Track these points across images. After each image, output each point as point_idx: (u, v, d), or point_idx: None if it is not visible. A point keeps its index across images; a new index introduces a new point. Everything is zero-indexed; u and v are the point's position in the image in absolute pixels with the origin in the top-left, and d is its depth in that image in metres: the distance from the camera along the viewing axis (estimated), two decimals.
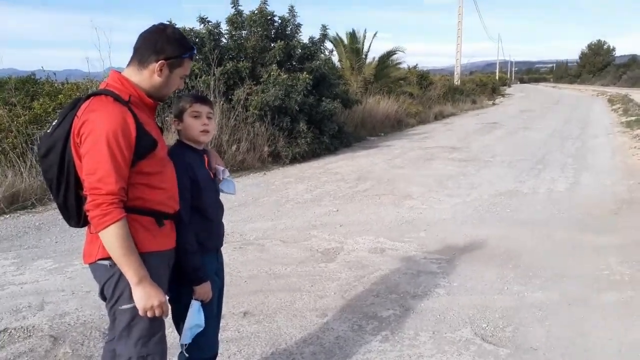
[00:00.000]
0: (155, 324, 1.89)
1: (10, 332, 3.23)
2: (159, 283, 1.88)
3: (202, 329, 2.10)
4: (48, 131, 1.83)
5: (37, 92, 8.98)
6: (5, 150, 6.87)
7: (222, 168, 2.28)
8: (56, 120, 1.84)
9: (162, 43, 1.85)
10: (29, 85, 9.39)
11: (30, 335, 3.19)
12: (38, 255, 4.70)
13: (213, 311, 2.27)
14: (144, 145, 1.78)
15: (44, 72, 10.44)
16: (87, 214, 1.73)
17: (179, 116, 2.14)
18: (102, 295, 1.89)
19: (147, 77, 1.86)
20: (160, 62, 1.84)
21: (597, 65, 78.37)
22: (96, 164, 1.68)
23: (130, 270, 1.74)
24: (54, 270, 4.29)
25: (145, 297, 1.77)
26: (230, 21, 10.55)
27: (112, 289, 1.83)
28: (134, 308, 1.82)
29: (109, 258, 1.78)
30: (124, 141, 1.71)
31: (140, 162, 1.78)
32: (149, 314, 1.80)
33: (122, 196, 1.71)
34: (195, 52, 1.99)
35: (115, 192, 1.69)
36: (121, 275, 1.80)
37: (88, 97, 1.81)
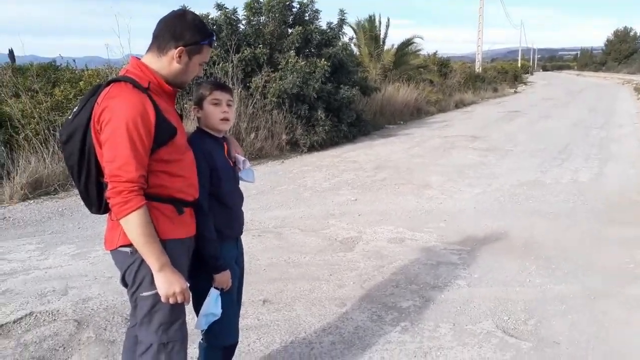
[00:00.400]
0: (175, 311, 1.90)
1: (36, 315, 3.30)
2: (179, 270, 1.88)
3: (217, 317, 2.11)
4: (69, 117, 1.84)
5: (58, 79, 9.08)
6: (28, 136, 6.97)
7: (242, 158, 2.26)
8: (76, 107, 1.84)
9: (181, 29, 1.83)
10: (50, 72, 9.50)
11: (55, 319, 3.25)
12: (61, 240, 4.78)
13: (233, 299, 2.28)
14: (163, 133, 1.77)
15: (62, 59, 10.55)
16: (108, 201, 1.74)
17: (199, 103, 2.13)
18: (124, 282, 1.91)
19: (166, 64, 1.85)
20: (179, 48, 1.83)
21: (623, 52, 76.39)
22: (116, 151, 1.69)
23: (151, 257, 1.75)
24: (77, 255, 4.36)
25: (167, 283, 1.78)
26: (249, 7, 10.49)
27: (133, 275, 1.84)
28: (155, 295, 1.83)
29: (130, 245, 1.79)
30: (144, 129, 1.71)
31: (159, 149, 1.78)
32: (171, 301, 1.81)
33: (142, 184, 1.72)
34: (214, 38, 1.97)
35: (135, 180, 1.69)
36: (142, 262, 1.80)
37: (108, 83, 1.80)
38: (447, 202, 5.98)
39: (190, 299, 2.02)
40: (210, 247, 2.06)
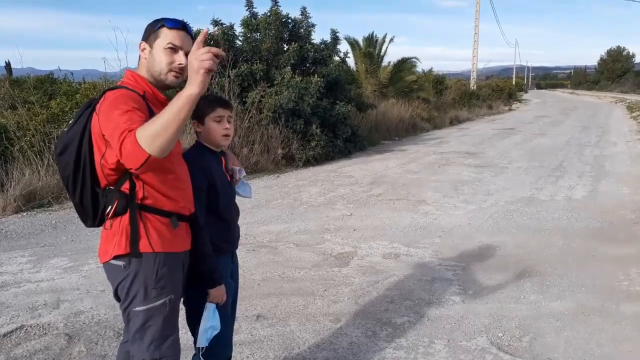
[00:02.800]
0: (169, 327, 1.88)
1: (27, 329, 3.26)
2: (173, 284, 1.87)
3: (218, 331, 2.09)
4: (65, 130, 1.84)
5: (54, 92, 9.10)
6: (23, 148, 6.95)
7: (238, 168, 2.27)
8: (72, 119, 1.84)
9: (146, 30, 1.86)
10: (47, 85, 9.53)
11: (45, 333, 3.21)
12: (54, 253, 4.74)
13: (227, 313, 2.27)
14: None
15: (60, 71, 10.60)
16: (125, 159, 1.57)
17: (200, 119, 2.13)
18: (117, 296, 1.89)
19: (142, 66, 1.86)
20: (140, 43, 1.85)
21: (616, 71, 77.28)
22: (115, 120, 1.62)
23: (182, 99, 1.55)
24: (70, 268, 4.33)
25: (199, 78, 1.54)
26: (245, 23, 10.59)
27: (127, 290, 1.82)
28: (148, 310, 1.82)
29: (123, 257, 1.78)
30: (136, 103, 1.70)
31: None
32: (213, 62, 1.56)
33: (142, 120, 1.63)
34: (169, 19, 1.86)
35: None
36: (135, 276, 1.79)
37: (103, 94, 1.80)
38: (442, 218, 5.98)
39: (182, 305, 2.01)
40: (206, 262, 2.05)
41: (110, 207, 1.79)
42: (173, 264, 1.87)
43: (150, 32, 1.84)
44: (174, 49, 1.82)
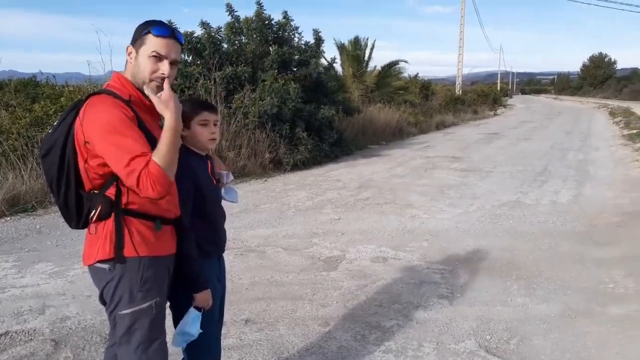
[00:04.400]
0: (155, 330, 1.87)
1: (12, 335, 3.21)
2: (158, 288, 1.86)
3: (193, 338, 2.07)
4: (49, 132, 1.83)
5: (37, 95, 8.97)
6: (6, 152, 6.85)
7: (225, 172, 2.27)
8: (56, 122, 1.83)
9: (135, 32, 1.85)
10: (29, 88, 9.39)
11: (31, 339, 3.16)
12: (39, 258, 4.67)
13: (215, 317, 2.26)
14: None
15: (42, 74, 10.46)
16: (140, 193, 1.66)
17: (186, 122, 2.12)
18: (102, 300, 1.87)
19: (128, 70, 1.85)
20: (127, 47, 1.84)
21: (598, 77, 78.53)
22: (116, 152, 1.65)
23: (171, 132, 1.72)
24: (55, 274, 4.27)
25: (174, 109, 1.76)
26: (229, 27, 10.58)
27: (112, 293, 1.81)
28: (134, 313, 1.81)
29: (108, 261, 1.77)
30: (130, 122, 1.70)
31: None
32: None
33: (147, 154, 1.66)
34: (157, 26, 1.81)
35: (144, 154, 1.64)
36: (120, 279, 1.78)
37: (88, 97, 1.80)
38: (430, 221, 6.02)
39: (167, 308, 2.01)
40: (191, 266, 2.04)
41: (94, 211, 1.78)
42: (158, 267, 1.86)
43: (138, 37, 1.82)
44: (158, 58, 1.80)
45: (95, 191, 1.78)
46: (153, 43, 1.79)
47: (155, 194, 1.64)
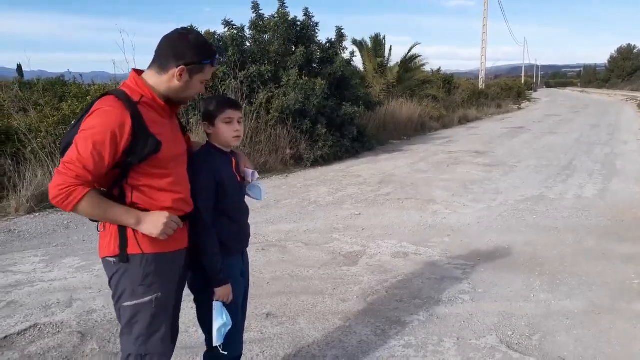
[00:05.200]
0: (155, 323, 1.91)
1: (40, 327, 3.31)
2: (162, 283, 1.90)
3: (230, 326, 2.12)
4: (68, 130, 1.89)
5: (65, 94, 9.18)
6: (35, 150, 7.03)
7: (251, 171, 2.29)
8: (75, 120, 1.89)
9: (183, 48, 1.85)
10: (57, 87, 9.61)
11: (59, 331, 3.26)
12: (66, 253, 4.80)
13: (238, 312, 2.29)
14: (142, 148, 1.77)
15: (70, 74, 10.70)
16: (49, 193, 1.70)
17: (211, 120, 2.15)
18: (111, 288, 1.94)
19: (165, 81, 1.87)
20: (180, 67, 1.84)
21: (626, 69, 76.50)
22: (78, 150, 1.70)
23: (122, 220, 1.78)
24: (82, 268, 4.38)
25: (153, 226, 1.81)
26: (254, 25, 10.64)
27: (116, 285, 1.88)
28: (135, 306, 1.86)
29: (114, 255, 1.83)
30: (111, 145, 1.71)
31: (141, 164, 1.79)
32: (171, 232, 1.85)
33: (88, 182, 1.71)
34: (217, 57, 1.97)
35: (82, 177, 1.68)
36: (124, 273, 1.84)
37: (101, 96, 1.84)
38: (451, 217, 5.97)
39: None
40: (211, 261, 2.08)
41: None
42: (163, 263, 1.90)
43: (195, 62, 1.87)
44: (206, 83, 2.01)
45: (103, 189, 1.82)
46: (209, 73, 1.96)
47: (52, 199, 1.70)
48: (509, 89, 33.94)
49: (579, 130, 15.89)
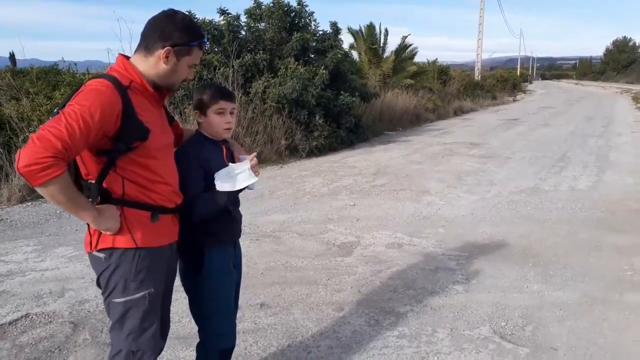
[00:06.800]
0: (147, 320, 1.87)
1: (32, 317, 3.29)
2: (153, 279, 1.86)
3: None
4: (55, 110, 1.74)
5: (58, 82, 9.09)
6: (27, 139, 6.96)
7: (246, 158, 2.26)
8: (58, 106, 1.77)
9: (169, 29, 1.79)
10: (51, 76, 9.51)
11: (51, 321, 3.24)
12: (59, 242, 4.77)
13: (231, 303, 2.28)
14: (130, 132, 1.71)
15: (64, 62, 10.60)
16: (18, 160, 1.51)
17: (202, 109, 2.11)
18: (99, 284, 1.89)
19: (152, 64, 1.81)
20: (166, 48, 1.78)
21: (621, 62, 76.65)
22: (60, 119, 1.58)
23: (83, 216, 1.70)
24: (74, 257, 4.35)
25: (113, 220, 1.75)
26: (249, 13, 10.57)
27: (106, 281, 1.82)
28: (126, 302, 1.82)
29: (104, 250, 1.78)
30: (99, 124, 1.62)
31: (130, 153, 1.74)
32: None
33: (65, 158, 1.57)
34: (205, 40, 1.90)
35: (60, 150, 1.53)
36: (116, 268, 1.79)
37: (89, 80, 1.78)
38: (446, 208, 5.98)
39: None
40: (216, 209, 2.05)
41: (93, 202, 1.75)
42: (155, 257, 1.86)
43: (183, 43, 1.81)
44: (194, 68, 1.93)
45: (92, 181, 1.75)
46: (197, 57, 1.89)
47: (24, 167, 1.50)
48: (505, 80, 33.93)
49: (574, 123, 15.92)
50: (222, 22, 10.11)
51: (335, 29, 11.54)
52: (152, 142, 1.79)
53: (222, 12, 10.37)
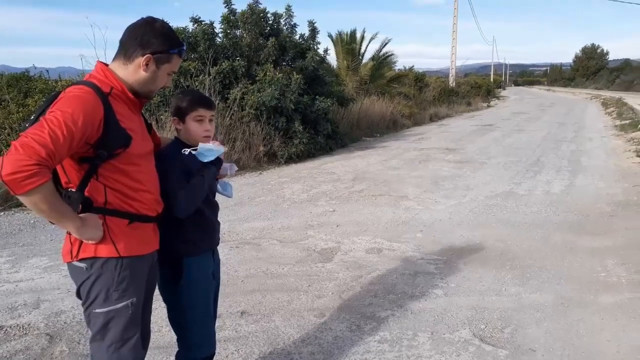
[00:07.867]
0: (129, 330, 1.85)
1: (6, 330, 3.20)
2: (135, 288, 1.84)
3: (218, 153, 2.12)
4: (26, 125, 1.71)
5: (30, 89, 8.91)
6: None
7: (229, 164, 2.25)
8: (35, 114, 1.75)
9: (149, 37, 1.79)
10: (22, 83, 9.32)
11: (26, 334, 3.16)
12: (33, 253, 4.66)
13: (210, 312, 2.26)
14: (112, 139, 1.69)
15: (35, 69, 10.40)
16: (5, 166, 1.46)
17: (181, 117, 2.10)
18: (79, 295, 1.85)
19: (132, 72, 1.80)
20: (146, 56, 1.78)
21: (590, 68, 78.68)
22: (44, 126, 1.54)
23: (68, 225, 1.67)
24: (49, 268, 4.26)
25: (95, 229, 1.72)
26: (225, 19, 10.54)
27: (87, 291, 1.79)
28: (108, 312, 1.79)
29: (85, 260, 1.75)
30: (82, 131, 1.59)
31: (112, 161, 1.72)
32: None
33: (49, 165, 1.53)
34: (184, 48, 1.91)
35: (44, 158, 1.50)
36: (97, 279, 1.77)
37: (67, 87, 1.76)
38: (424, 213, 6.04)
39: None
40: (199, 187, 2.06)
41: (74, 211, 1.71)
42: (137, 266, 1.84)
43: (163, 51, 1.81)
44: (172, 76, 1.95)
45: (72, 189, 1.72)
46: (176, 65, 1.91)
47: (8, 174, 1.46)
48: (479, 87, 34.50)
49: (546, 128, 16.27)
50: (198, 30, 10.05)
51: (312, 30, 11.58)
52: (134, 149, 1.77)
53: (195, 20, 10.33)
